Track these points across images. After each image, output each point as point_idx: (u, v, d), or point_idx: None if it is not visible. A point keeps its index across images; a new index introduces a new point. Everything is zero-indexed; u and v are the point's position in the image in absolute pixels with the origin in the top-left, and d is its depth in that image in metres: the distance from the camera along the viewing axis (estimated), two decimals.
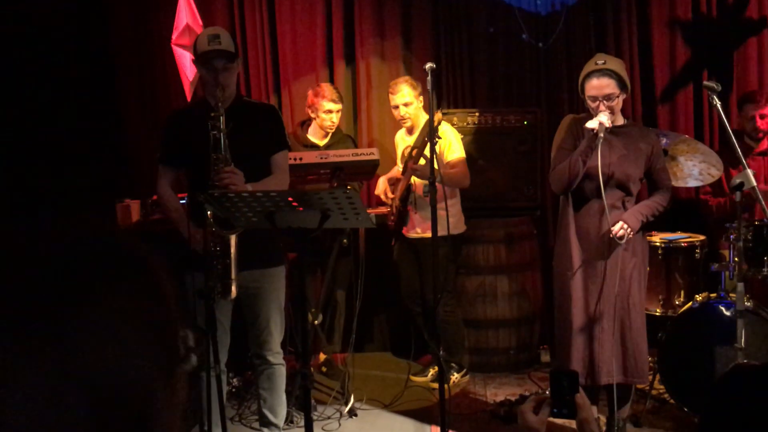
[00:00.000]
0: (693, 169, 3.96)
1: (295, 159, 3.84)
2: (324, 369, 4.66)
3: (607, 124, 3.19)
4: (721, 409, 1.05)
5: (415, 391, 4.40)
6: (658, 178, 3.42)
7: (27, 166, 4.03)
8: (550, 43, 5.09)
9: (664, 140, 3.92)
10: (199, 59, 3.19)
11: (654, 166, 3.39)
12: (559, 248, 3.47)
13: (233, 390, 4.33)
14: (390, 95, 4.46)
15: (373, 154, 4.05)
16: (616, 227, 3.26)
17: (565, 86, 5.07)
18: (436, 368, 4.57)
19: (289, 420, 3.78)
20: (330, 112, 4.44)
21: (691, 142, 4.06)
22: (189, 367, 0.70)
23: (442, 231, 3.32)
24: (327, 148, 4.45)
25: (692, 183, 4.05)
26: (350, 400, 4.08)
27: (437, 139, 3.71)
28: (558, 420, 1.81)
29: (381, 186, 4.56)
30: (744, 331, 3.03)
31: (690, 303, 3.72)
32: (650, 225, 3.48)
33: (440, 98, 5.12)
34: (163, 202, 3.39)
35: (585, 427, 1.72)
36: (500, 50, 5.16)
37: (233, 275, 3.03)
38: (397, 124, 4.60)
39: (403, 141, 4.56)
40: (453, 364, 4.51)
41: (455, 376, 4.51)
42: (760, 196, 2.83)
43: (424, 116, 4.42)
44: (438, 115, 3.99)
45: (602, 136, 3.17)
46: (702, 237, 4.08)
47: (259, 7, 5.16)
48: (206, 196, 2.64)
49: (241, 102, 3.32)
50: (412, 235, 4.50)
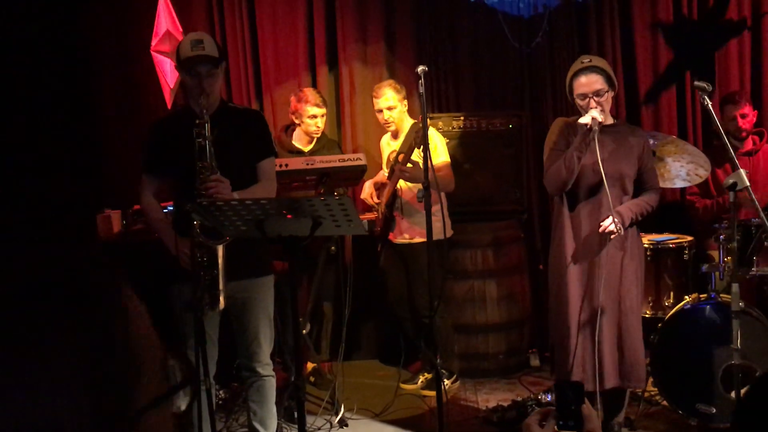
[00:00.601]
0: (680, 170, 3.96)
1: (281, 165, 3.77)
2: (312, 379, 4.58)
3: (600, 118, 3.17)
4: (754, 419, 1.01)
5: (406, 399, 4.35)
6: (647, 178, 3.41)
7: None
8: (534, 46, 5.08)
9: (651, 141, 3.91)
10: (182, 65, 3.10)
11: (644, 164, 3.38)
12: (555, 250, 3.44)
13: (219, 402, 4.23)
14: (374, 99, 4.41)
15: (360, 159, 3.99)
16: (607, 221, 3.23)
17: (549, 89, 5.07)
18: (426, 375, 4.54)
19: None
20: (314, 117, 4.37)
21: (679, 143, 4.07)
22: (176, 409, 0.66)
23: (433, 236, 3.27)
24: (312, 153, 4.38)
25: (680, 184, 4.05)
26: (340, 410, 4.01)
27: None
28: None
29: (367, 189, 4.51)
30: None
31: (681, 304, 3.71)
32: (638, 226, 3.46)
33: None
34: (147, 212, 3.30)
35: None
36: (484, 54, 5.14)
37: (221, 286, 2.96)
38: (382, 128, 4.55)
39: (389, 145, 4.51)
40: (443, 371, 4.45)
41: (446, 383, 4.46)
42: (753, 196, 2.83)
43: (408, 120, 4.38)
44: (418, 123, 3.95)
45: (596, 129, 3.15)
46: (690, 238, 4.09)
47: (239, 12, 5.06)
48: (194, 206, 2.57)
49: (225, 108, 3.23)
50: (400, 240, 4.45)
